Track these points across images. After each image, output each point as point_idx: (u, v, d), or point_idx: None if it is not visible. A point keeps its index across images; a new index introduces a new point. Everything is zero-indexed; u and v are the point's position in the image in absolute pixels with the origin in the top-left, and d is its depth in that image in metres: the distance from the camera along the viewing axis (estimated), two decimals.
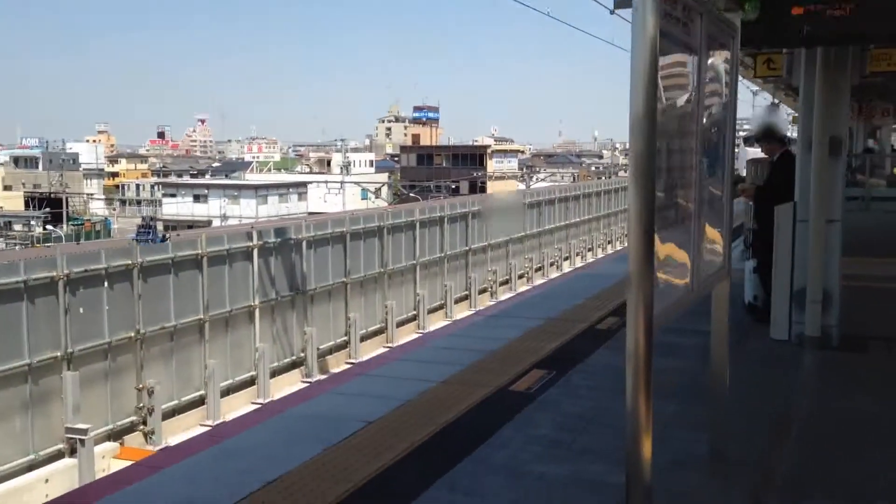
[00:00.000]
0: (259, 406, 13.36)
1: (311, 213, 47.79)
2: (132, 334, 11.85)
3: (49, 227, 47.93)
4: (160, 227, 38.14)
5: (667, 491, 3.82)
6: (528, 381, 6.49)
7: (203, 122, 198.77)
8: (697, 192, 3.69)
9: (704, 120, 3.76)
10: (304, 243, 15.55)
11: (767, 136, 8.44)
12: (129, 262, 11.85)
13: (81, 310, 11.05)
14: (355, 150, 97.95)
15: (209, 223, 50.52)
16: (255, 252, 14.27)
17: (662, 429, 5.36)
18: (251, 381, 14.11)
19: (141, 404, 11.73)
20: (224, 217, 53.41)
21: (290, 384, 14.76)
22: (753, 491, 4.43)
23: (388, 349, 17.56)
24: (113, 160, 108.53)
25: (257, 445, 5.12)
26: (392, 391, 6.21)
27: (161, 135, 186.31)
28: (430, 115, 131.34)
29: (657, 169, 3.00)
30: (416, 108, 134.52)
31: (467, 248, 22.19)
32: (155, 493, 4.48)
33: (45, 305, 10.68)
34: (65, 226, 49.73)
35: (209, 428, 12.52)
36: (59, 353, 10.74)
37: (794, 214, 7.54)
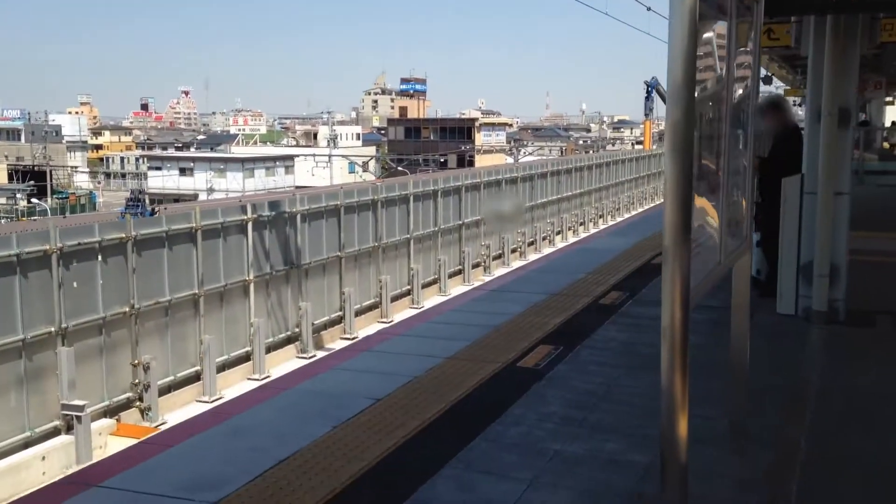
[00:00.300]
0: (262, 383, 13.31)
1: (298, 187, 47.49)
2: (126, 309, 11.68)
3: (34, 200, 47.41)
4: (146, 200, 37.80)
5: (689, 470, 3.74)
6: (536, 356, 6.42)
7: (187, 93, 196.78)
8: (726, 163, 3.58)
9: (734, 89, 3.64)
10: (298, 217, 15.37)
11: (774, 107, 8.33)
12: (123, 235, 11.65)
13: (75, 284, 10.87)
14: (341, 122, 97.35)
15: (195, 197, 50.12)
16: (250, 225, 14.09)
17: None
18: (246, 357, 13.99)
19: (136, 380, 11.59)
20: (210, 190, 53.02)
21: (285, 360, 14.66)
22: (775, 467, 4.38)
23: (384, 324, 17.49)
24: (96, 132, 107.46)
25: (265, 423, 5.03)
26: (398, 367, 6.13)
27: (144, 107, 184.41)
28: (418, 87, 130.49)
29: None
30: (404, 80, 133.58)
31: (461, 222, 22.07)
32: (163, 471, 4.38)
33: (39, 279, 10.49)
34: (49, 199, 49.21)
35: (206, 404, 12.45)
36: (52, 329, 10.57)
37: (801, 187, 7.47)
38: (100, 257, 11.29)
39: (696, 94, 2.76)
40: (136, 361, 11.64)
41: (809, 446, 4.66)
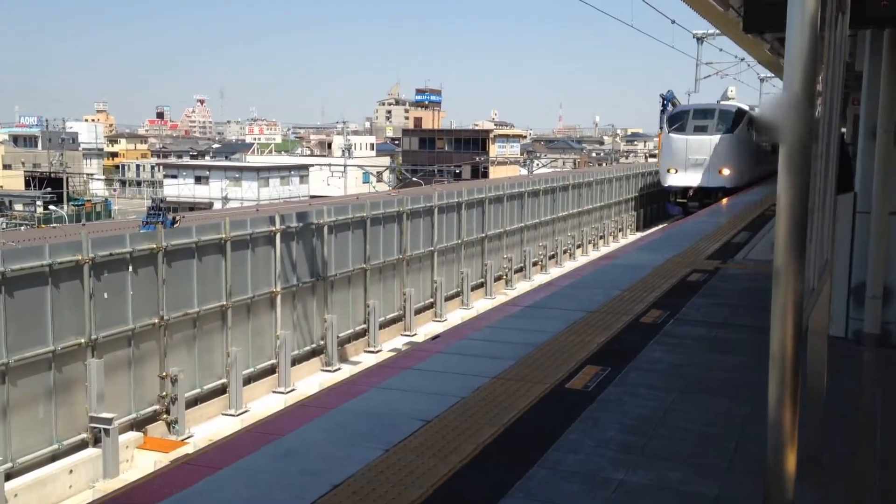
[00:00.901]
0: (286, 395, 13.15)
1: (312, 197, 47.46)
2: (156, 320, 11.57)
3: (51, 207, 47.56)
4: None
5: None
6: (584, 378, 6.25)
7: (202, 102, 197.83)
8: (822, 183, 3.42)
9: (830, 104, 3.48)
10: (325, 228, 15.24)
11: None
12: (154, 245, 11.55)
13: (105, 295, 10.77)
14: (355, 132, 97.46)
15: (210, 205, 50.16)
16: (278, 237, 13.97)
17: (739, 432, 5.13)
18: (272, 370, 13.85)
19: (164, 392, 11.46)
20: (225, 199, 53.06)
21: (309, 373, 14.52)
22: (852, 501, 4.20)
23: (408, 336, 17.31)
24: (112, 140, 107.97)
25: (314, 445, 4.88)
26: (444, 387, 5.97)
27: (160, 115, 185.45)
28: (433, 98, 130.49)
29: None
30: (419, 91, 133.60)
31: (483, 234, 21.91)
32: (214, 496, 4.23)
33: (70, 290, 10.38)
34: (65, 206, 49.38)
35: (233, 417, 12.31)
36: (83, 340, 10.46)
37: (854, 205, 7.28)
38: (130, 268, 11.20)
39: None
40: (164, 373, 11.51)
41: (883, 480, 4.48)
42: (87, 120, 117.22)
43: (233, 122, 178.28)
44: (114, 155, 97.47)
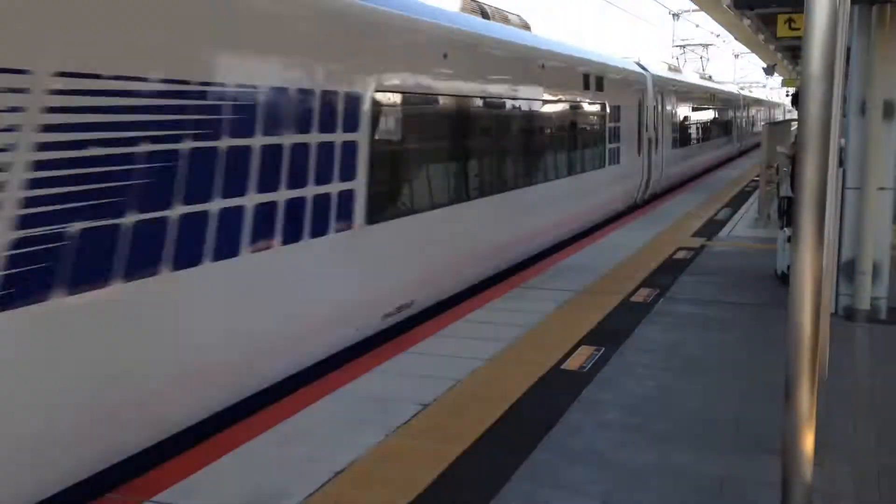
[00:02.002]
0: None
1: None
2: None
3: None
4: None
5: (768, 484, 3.57)
6: (579, 358, 6.24)
7: None
8: (834, 164, 3.39)
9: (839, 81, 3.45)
10: None
11: None
12: None
13: None
14: None
15: None
16: None
17: (738, 410, 5.14)
18: None
19: None
20: None
21: None
22: (857, 479, 4.21)
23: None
24: None
25: (315, 429, 4.83)
26: (440, 370, 5.92)
27: None
28: None
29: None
30: None
31: None
32: (218, 483, 4.17)
33: None
34: None
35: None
36: None
37: (843, 181, 7.31)
38: None
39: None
40: None
41: (884, 456, 4.50)
42: None
43: None
44: None
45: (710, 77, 32.54)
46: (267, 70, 5.55)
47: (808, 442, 2.75)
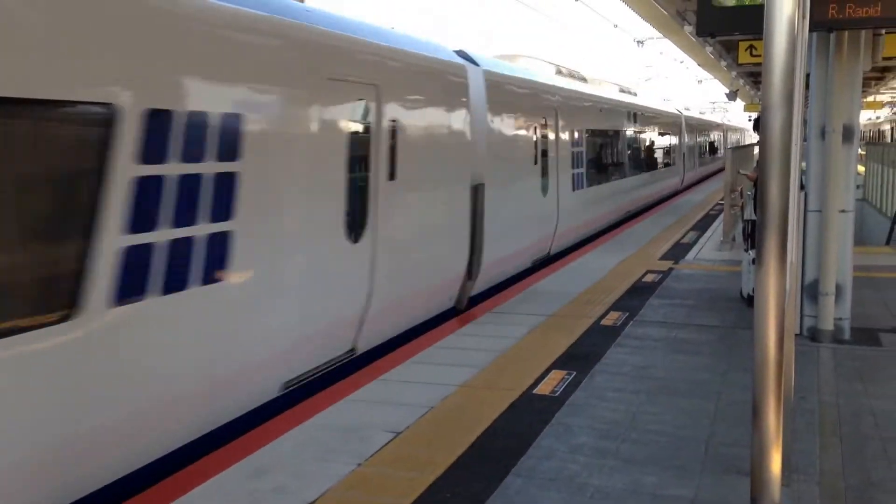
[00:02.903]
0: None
1: None
2: None
3: None
4: None
5: None
6: (551, 382, 6.26)
7: None
8: (796, 184, 3.47)
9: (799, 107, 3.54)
10: None
11: None
12: None
13: None
14: None
15: None
16: None
17: (708, 432, 5.19)
18: None
19: None
20: None
21: None
22: (827, 500, 4.26)
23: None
24: None
25: (285, 461, 4.78)
26: (411, 397, 5.91)
27: None
28: None
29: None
30: None
31: None
32: None
33: None
34: None
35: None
36: None
37: (805, 204, 7.45)
38: None
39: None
40: None
41: (852, 475, 4.56)
42: None
43: None
44: None
45: (635, 93, 23.33)
46: None
47: (775, 462, 2.79)
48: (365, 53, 7.03)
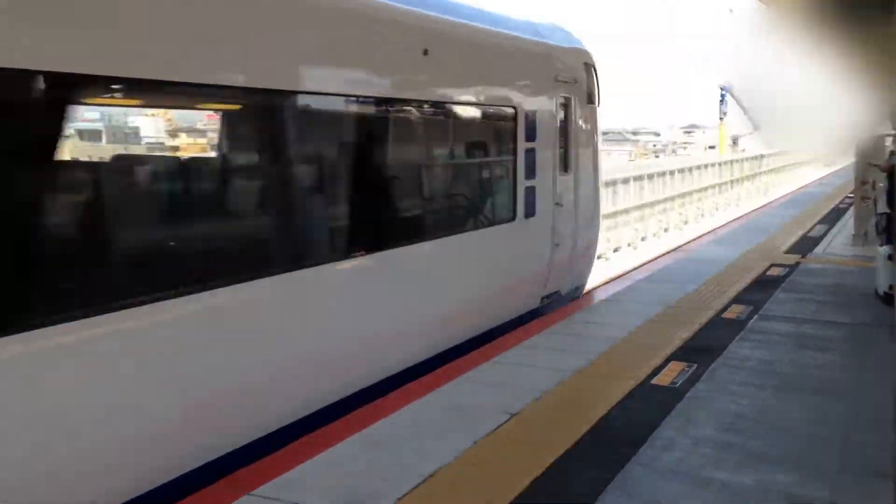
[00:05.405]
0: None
1: None
2: None
3: None
4: None
5: None
6: (670, 374, 6.07)
7: None
8: None
9: None
10: None
11: None
12: None
13: None
14: None
15: None
16: None
17: (842, 432, 4.91)
18: None
19: None
20: None
21: None
22: None
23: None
24: None
25: (403, 436, 4.81)
26: (527, 381, 5.84)
27: None
28: None
29: None
30: None
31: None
32: (313, 482, 4.20)
33: None
34: None
35: None
36: None
37: None
38: None
39: None
40: None
41: None
42: None
43: None
44: None
45: None
46: None
47: None
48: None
